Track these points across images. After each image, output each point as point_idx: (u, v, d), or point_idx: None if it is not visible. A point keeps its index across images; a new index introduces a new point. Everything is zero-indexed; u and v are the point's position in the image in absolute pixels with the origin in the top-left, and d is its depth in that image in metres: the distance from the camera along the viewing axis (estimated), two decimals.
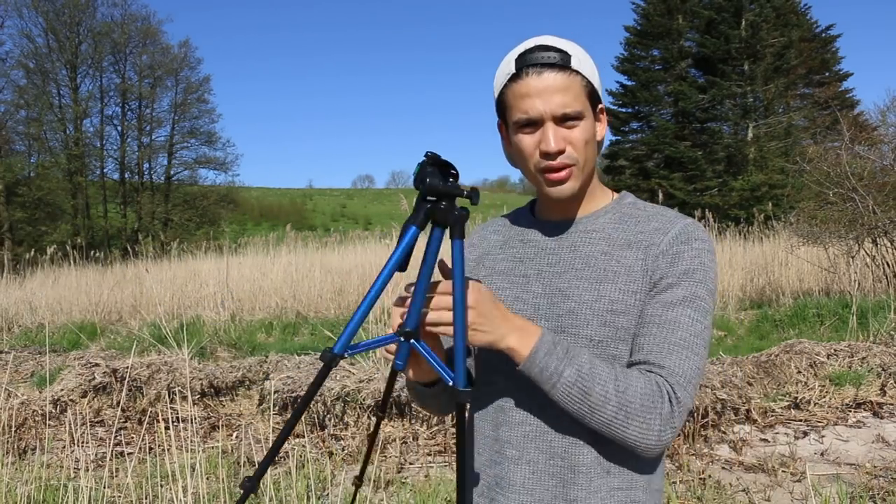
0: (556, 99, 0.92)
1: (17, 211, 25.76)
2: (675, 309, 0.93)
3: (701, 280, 0.94)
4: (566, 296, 0.97)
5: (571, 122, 0.94)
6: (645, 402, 0.88)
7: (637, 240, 0.98)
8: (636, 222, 1.00)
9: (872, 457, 3.57)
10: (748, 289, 9.06)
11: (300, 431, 4.10)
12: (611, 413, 0.87)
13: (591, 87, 0.97)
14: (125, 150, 31.18)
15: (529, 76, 0.93)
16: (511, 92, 0.95)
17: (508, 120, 0.98)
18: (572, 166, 0.95)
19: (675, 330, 0.92)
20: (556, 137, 0.93)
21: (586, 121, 0.96)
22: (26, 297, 10.19)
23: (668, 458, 3.66)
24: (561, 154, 0.94)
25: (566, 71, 0.93)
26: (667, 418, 0.88)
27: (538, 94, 0.92)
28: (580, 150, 0.95)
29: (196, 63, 37.24)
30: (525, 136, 0.95)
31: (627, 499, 0.95)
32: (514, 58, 0.95)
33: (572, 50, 0.95)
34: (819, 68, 25.60)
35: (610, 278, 0.95)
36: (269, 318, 8.41)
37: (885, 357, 4.66)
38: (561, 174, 0.95)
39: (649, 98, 26.06)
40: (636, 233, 0.98)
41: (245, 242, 13.23)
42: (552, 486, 0.95)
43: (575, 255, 0.99)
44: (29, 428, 4.31)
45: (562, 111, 0.93)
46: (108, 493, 3.07)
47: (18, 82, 28.21)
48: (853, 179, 8.06)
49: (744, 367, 4.56)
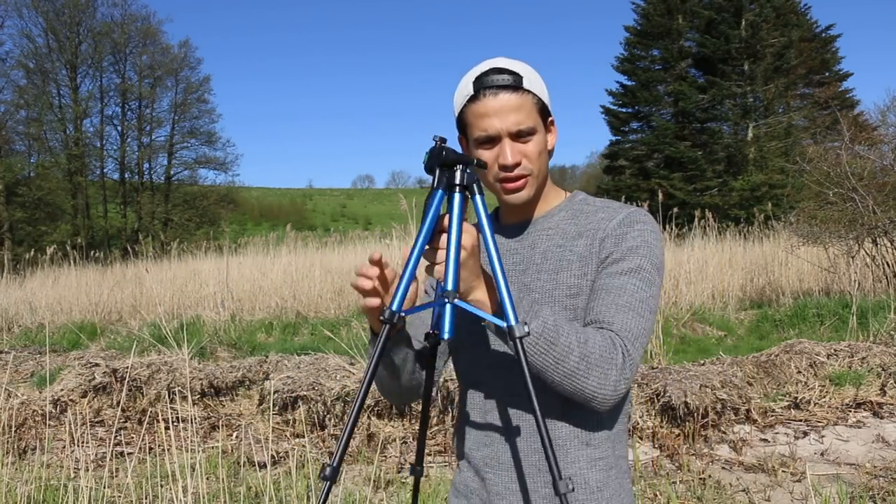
0: (512, 117, 1.03)
1: (17, 211, 25.76)
2: (622, 277, 1.02)
3: (645, 255, 1.04)
4: (530, 289, 1.07)
5: (525, 137, 1.05)
6: (603, 354, 0.95)
7: (587, 229, 1.08)
8: (586, 215, 1.11)
9: (872, 457, 3.56)
10: (748, 289, 9.06)
11: (300, 432, 4.10)
12: (573, 363, 0.94)
13: (542, 104, 1.08)
14: (125, 150, 31.20)
15: (487, 97, 1.03)
16: (470, 112, 1.05)
17: (469, 136, 1.08)
18: (528, 176, 1.07)
19: (621, 294, 1.01)
20: (513, 152, 1.04)
21: (538, 135, 1.07)
22: (26, 297, 10.20)
23: (668, 458, 3.66)
24: (518, 166, 1.05)
25: (519, 91, 1.04)
26: (620, 369, 0.96)
27: (495, 113, 1.03)
28: (534, 161, 1.06)
29: (196, 63, 37.27)
30: (485, 150, 1.06)
31: (607, 466, 1.06)
32: (471, 80, 1.05)
33: (523, 71, 1.06)
34: (819, 68, 25.59)
35: (565, 267, 1.06)
36: (269, 318, 8.41)
37: (885, 357, 4.66)
38: (518, 183, 1.06)
39: (649, 98, 26.06)
40: (585, 224, 1.09)
41: (245, 242, 13.22)
42: (536, 461, 1.05)
43: (534, 252, 1.10)
44: (29, 428, 4.31)
45: (517, 128, 1.04)
46: (108, 494, 3.07)
47: (18, 82, 28.27)
48: (853, 179, 8.05)
49: (744, 367, 4.56)
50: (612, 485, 1.06)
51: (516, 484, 1.06)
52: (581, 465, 1.05)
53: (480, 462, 1.11)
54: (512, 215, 1.15)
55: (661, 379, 4.11)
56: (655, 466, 3.54)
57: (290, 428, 4.22)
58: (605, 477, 1.05)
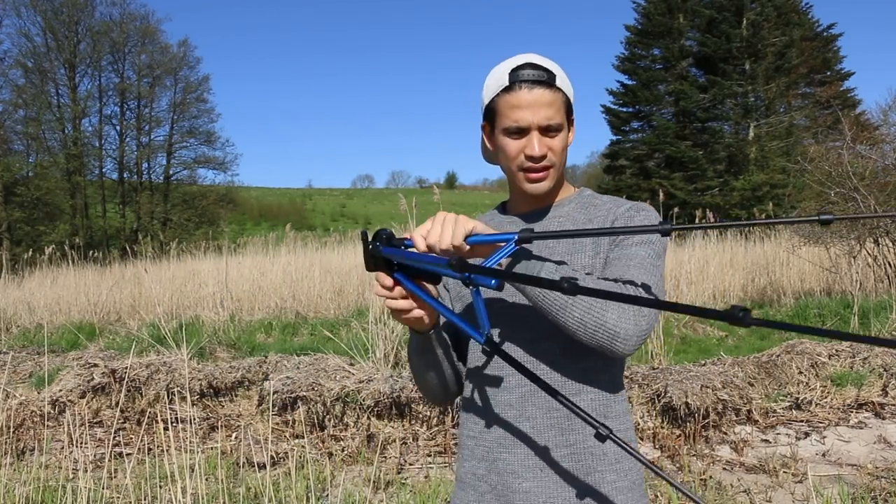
0: (543, 112, 1.10)
1: (15, 211, 25.72)
2: (633, 248, 1.09)
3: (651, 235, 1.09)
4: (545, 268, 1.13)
5: (553, 132, 1.12)
6: (619, 289, 0.99)
7: (596, 216, 1.16)
8: (595, 207, 1.18)
9: (874, 457, 3.55)
10: (749, 289, 9.05)
11: (300, 432, 4.09)
12: (588, 300, 0.97)
13: (569, 102, 1.15)
14: (124, 149, 31.15)
15: (521, 90, 1.09)
16: (503, 101, 1.11)
17: (497, 125, 1.14)
18: (550, 168, 1.13)
19: (633, 258, 1.07)
20: (541, 145, 1.11)
21: (563, 131, 1.13)
22: (25, 298, 10.18)
23: (668, 459, 3.65)
24: (543, 158, 1.12)
25: (552, 88, 1.11)
26: (637, 309, 0.98)
27: (528, 106, 1.09)
28: (558, 155, 1.13)
29: (195, 62, 37.26)
30: (512, 140, 1.12)
31: (627, 439, 1.10)
32: (507, 71, 1.11)
33: (556, 70, 1.12)
34: (820, 67, 25.57)
35: (579, 249, 1.13)
36: (269, 319, 8.39)
37: (887, 357, 4.64)
38: (541, 174, 1.13)
39: (650, 97, 26.04)
40: (595, 213, 1.17)
41: (244, 242, 13.21)
42: (552, 436, 1.09)
43: None
44: (27, 429, 4.30)
45: (546, 122, 1.10)
46: (107, 494, 3.05)
47: (17, 81, 28.20)
48: (855, 179, 8.04)
49: (745, 367, 4.54)
50: (629, 458, 1.10)
51: (533, 460, 1.09)
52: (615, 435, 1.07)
53: (493, 444, 1.12)
54: (525, 204, 1.20)
55: (661, 379, 4.10)
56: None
57: (289, 428, 4.20)
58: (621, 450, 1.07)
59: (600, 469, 1.08)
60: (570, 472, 1.08)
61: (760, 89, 24.49)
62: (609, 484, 1.08)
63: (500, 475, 1.11)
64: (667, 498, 3.13)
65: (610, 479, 1.08)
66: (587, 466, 1.08)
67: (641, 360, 5.28)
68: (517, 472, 1.09)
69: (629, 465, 1.10)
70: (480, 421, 1.15)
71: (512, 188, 1.21)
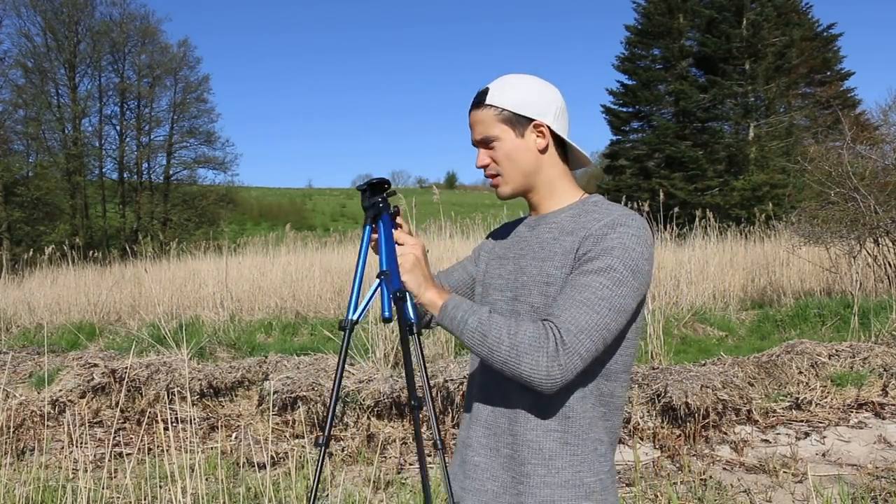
0: (477, 129, 1.25)
1: (15, 211, 25.72)
2: (589, 276, 1.12)
3: (619, 256, 1.12)
4: (523, 272, 1.23)
5: (490, 144, 1.24)
6: (532, 342, 1.07)
7: (577, 227, 1.20)
8: (587, 215, 1.22)
9: (874, 458, 3.55)
10: (749, 289, 9.05)
11: (300, 432, 4.08)
12: (505, 352, 1.09)
13: (506, 112, 1.23)
14: (124, 149, 31.15)
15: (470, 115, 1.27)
16: None
17: None
18: (497, 176, 1.26)
19: (582, 291, 1.11)
20: (480, 157, 1.27)
21: (503, 141, 1.24)
22: (25, 298, 10.18)
23: (668, 459, 3.64)
24: (486, 168, 1.26)
25: (481, 107, 1.24)
26: (553, 356, 1.06)
27: (470, 127, 1.27)
28: (502, 163, 1.24)
29: (195, 62, 37.25)
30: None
31: (563, 440, 1.17)
32: None
33: (495, 86, 1.24)
34: (820, 67, 25.56)
35: (550, 257, 1.20)
36: (269, 319, 8.39)
37: (887, 357, 4.64)
38: (494, 181, 1.27)
39: (650, 97, 26.03)
40: (581, 222, 1.20)
41: (244, 242, 13.20)
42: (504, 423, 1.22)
43: (536, 241, 1.25)
44: (27, 429, 4.30)
45: (479, 137, 1.25)
46: (107, 495, 3.05)
47: (17, 81, 28.20)
48: (855, 179, 8.04)
49: (745, 367, 4.54)
50: (566, 457, 1.17)
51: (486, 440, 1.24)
52: (538, 434, 1.18)
53: (468, 419, 1.30)
54: (530, 209, 1.32)
55: (661, 379, 4.09)
56: (656, 467, 3.52)
57: (289, 428, 4.20)
58: (559, 448, 1.17)
59: (533, 461, 1.18)
60: (511, 458, 1.20)
61: (760, 89, 24.48)
62: (539, 477, 1.17)
63: (464, 447, 1.29)
64: (666, 498, 3.13)
65: (541, 472, 1.17)
66: (522, 457, 1.19)
67: (642, 360, 5.28)
68: (473, 448, 1.26)
69: (562, 464, 1.17)
70: (470, 397, 1.32)
71: None
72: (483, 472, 1.23)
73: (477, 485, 1.24)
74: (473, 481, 1.25)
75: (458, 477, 1.29)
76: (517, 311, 1.21)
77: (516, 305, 1.21)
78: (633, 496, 3.17)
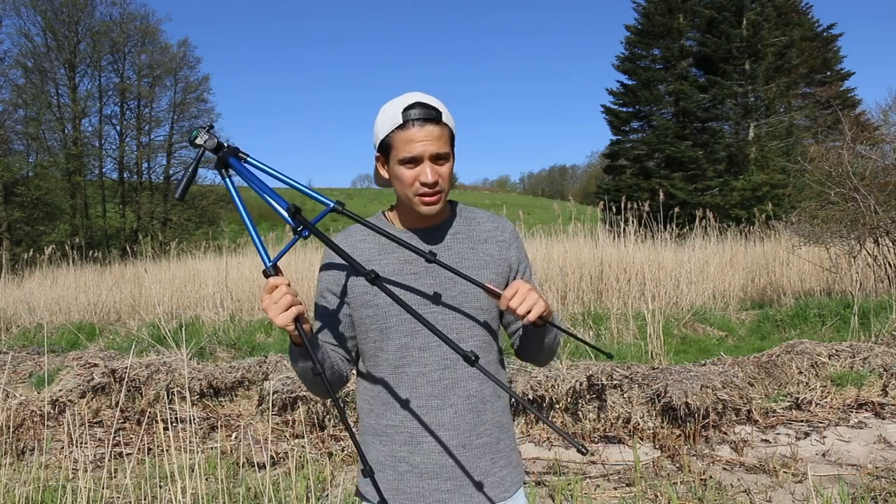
0: (434, 145, 1.28)
1: (15, 211, 25.72)
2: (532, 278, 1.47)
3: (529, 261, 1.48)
4: (455, 282, 1.34)
5: (442, 161, 1.30)
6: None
7: (487, 237, 1.41)
8: (477, 222, 1.42)
9: (874, 458, 3.55)
10: (749, 289, 9.04)
11: (300, 432, 4.08)
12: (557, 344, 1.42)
13: (453, 135, 1.33)
14: (124, 149, 31.15)
15: (414, 127, 1.27)
16: (398, 137, 1.28)
17: (392, 157, 1.30)
18: (441, 192, 1.31)
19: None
20: (433, 172, 1.28)
21: (450, 161, 1.32)
22: (25, 298, 10.18)
23: (668, 459, 3.64)
24: (436, 185, 1.29)
25: (440, 124, 1.29)
26: None
27: (420, 140, 1.27)
28: (446, 181, 1.32)
29: (195, 62, 37.23)
30: (407, 169, 1.29)
31: (505, 413, 1.42)
32: (399, 111, 1.28)
33: (441, 108, 1.30)
34: (820, 67, 25.57)
35: (483, 265, 1.37)
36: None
37: (887, 357, 4.64)
38: (434, 199, 1.30)
39: (650, 97, 26.03)
40: (482, 231, 1.41)
41: (244, 242, 13.20)
42: (471, 419, 1.34)
43: (451, 252, 1.37)
44: (27, 429, 4.30)
45: (436, 152, 1.28)
46: (107, 494, 3.05)
47: (16, 81, 28.20)
48: (855, 179, 8.04)
49: (745, 367, 4.54)
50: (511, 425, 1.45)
51: (456, 440, 1.32)
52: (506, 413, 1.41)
53: (417, 430, 1.32)
54: (418, 222, 1.37)
55: (661, 379, 4.09)
56: (656, 467, 3.52)
57: (289, 428, 4.20)
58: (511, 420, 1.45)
59: (503, 437, 1.39)
60: (485, 444, 1.35)
61: (760, 89, 24.49)
62: (507, 447, 1.40)
63: (425, 455, 1.32)
64: (666, 498, 3.13)
65: (507, 443, 1.40)
66: (496, 437, 1.37)
67: (641, 360, 5.28)
68: (443, 451, 1.32)
69: (512, 430, 1.44)
70: (402, 411, 1.33)
71: (403, 208, 1.37)
72: (459, 470, 1.32)
73: (458, 482, 1.32)
74: (451, 481, 1.32)
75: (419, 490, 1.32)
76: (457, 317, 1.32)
77: (457, 312, 1.32)
78: (633, 496, 3.17)
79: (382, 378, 1.35)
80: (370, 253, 1.37)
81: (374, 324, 1.33)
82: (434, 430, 1.32)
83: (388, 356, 1.34)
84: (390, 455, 1.34)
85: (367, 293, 1.33)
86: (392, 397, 1.34)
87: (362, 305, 1.35)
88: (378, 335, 1.34)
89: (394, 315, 1.32)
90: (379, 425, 1.36)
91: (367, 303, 1.34)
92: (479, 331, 1.34)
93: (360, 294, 1.34)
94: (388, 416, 1.35)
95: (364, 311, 1.34)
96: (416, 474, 1.32)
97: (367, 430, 1.39)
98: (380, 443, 1.36)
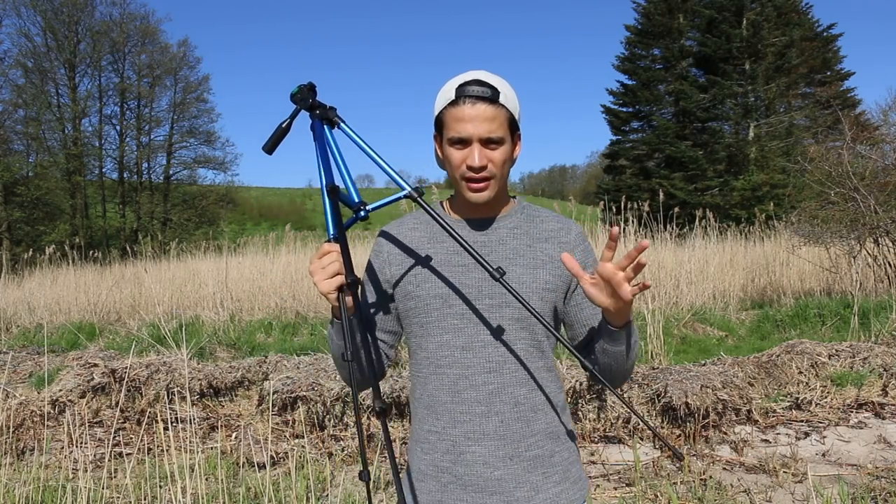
0: (485, 126, 1.18)
1: (15, 211, 25.72)
2: None
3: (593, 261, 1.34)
4: (508, 278, 1.22)
5: (494, 145, 1.20)
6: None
7: (549, 236, 1.29)
8: (541, 221, 1.31)
9: (874, 457, 3.55)
10: (749, 289, 9.04)
11: (299, 432, 4.08)
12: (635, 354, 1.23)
13: (513, 118, 1.22)
14: (124, 149, 31.16)
15: (465, 104, 1.18)
16: (449, 114, 1.20)
17: (444, 135, 1.23)
18: (491, 179, 1.21)
19: None
20: (481, 156, 1.19)
21: (506, 145, 1.21)
22: (25, 297, 10.18)
23: (668, 459, 3.64)
24: (484, 169, 1.20)
25: (495, 104, 1.19)
26: None
27: (471, 119, 1.18)
28: (498, 167, 1.21)
29: (195, 62, 37.32)
30: (456, 150, 1.21)
31: (561, 423, 1.28)
32: (454, 87, 1.20)
33: (501, 87, 1.20)
34: (820, 67, 25.56)
35: (540, 265, 1.25)
36: (269, 319, 8.39)
37: (887, 357, 4.64)
38: (481, 185, 1.21)
39: (650, 97, 26.03)
40: (544, 229, 1.30)
41: (244, 242, 13.19)
42: (519, 428, 1.22)
43: (505, 247, 1.26)
44: (27, 429, 4.30)
45: (487, 135, 1.18)
46: (107, 494, 3.05)
47: (16, 81, 28.20)
48: (855, 179, 8.04)
49: (745, 367, 4.54)
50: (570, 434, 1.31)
51: (503, 451, 1.21)
52: (562, 423, 1.28)
53: (460, 437, 1.22)
54: (472, 211, 1.28)
55: (661, 379, 4.09)
56: (656, 467, 3.52)
57: (289, 428, 4.20)
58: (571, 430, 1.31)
59: (559, 449, 1.26)
60: (536, 457, 1.23)
61: (760, 89, 24.49)
62: (564, 460, 1.26)
63: (469, 466, 1.21)
64: (666, 498, 3.13)
65: (564, 455, 1.26)
66: (549, 450, 1.24)
67: (642, 360, 5.28)
68: (488, 463, 1.21)
69: (571, 442, 1.30)
70: (445, 416, 1.23)
71: (457, 194, 1.29)
72: (508, 484, 1.21)
73: (505, 498, 1.21)
74: (497, 496, 1.21)
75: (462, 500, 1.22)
76: (504, 318, 1.21)
77: (504, 311, 1.21)
78: (633, 496, 3.17)
79: (424, 379, 1.26)
80: (419, 241, 1.29)
81: (416, 318, 1.25)
82: (478, 439, 1.21)
83: (429, 354, 1.25)
84: (432, 464, 1.24)
85: (410, 284, 1.25)
86: (433, 401, 1.24)
87: (405, 297, 1.27)
88: (419, 330, 1.25)
89: (435, 309, 1.23)
90: (422, 431, 1.27)
91: (409, 294, 1.26)
92: (530, 332, 1.22)
93: (404, 285, 1.27)
94: (429, 422, 1.25)
95: (407, 304, 1.26)
96: (460, 486, 1.22)
97: (413, 437, 1.31)
98: (421, 450, 1.26)
